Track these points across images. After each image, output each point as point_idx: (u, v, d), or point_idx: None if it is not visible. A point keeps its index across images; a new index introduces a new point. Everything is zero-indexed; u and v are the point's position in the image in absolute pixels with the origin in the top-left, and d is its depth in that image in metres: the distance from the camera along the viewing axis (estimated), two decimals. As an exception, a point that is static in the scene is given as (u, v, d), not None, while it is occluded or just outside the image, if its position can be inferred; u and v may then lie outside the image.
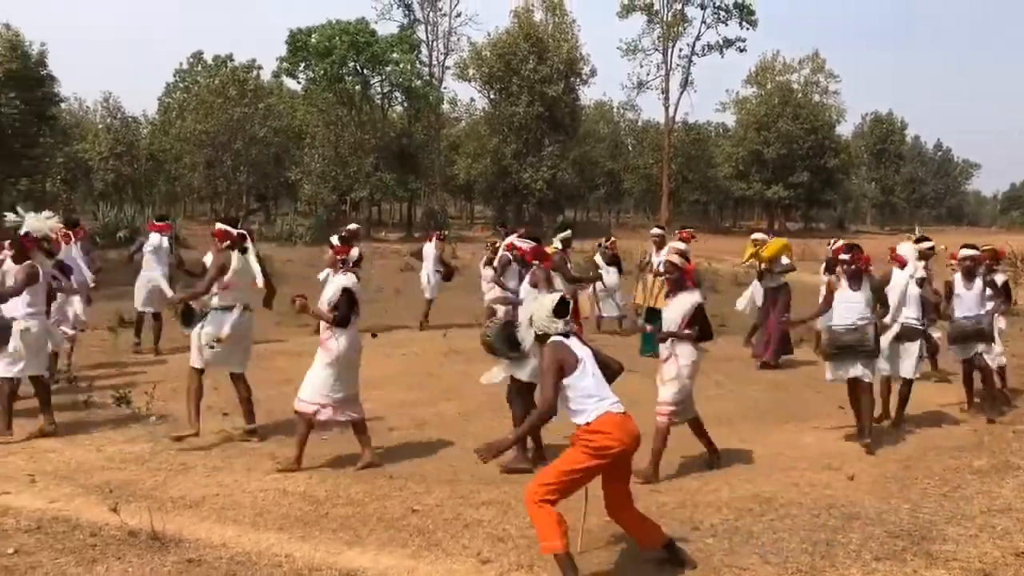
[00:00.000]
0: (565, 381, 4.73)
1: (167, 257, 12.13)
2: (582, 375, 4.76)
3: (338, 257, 7.01)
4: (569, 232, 12.00)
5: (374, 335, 12.35)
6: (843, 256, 7.99)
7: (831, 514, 5.88)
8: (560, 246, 11.19)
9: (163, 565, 4.88)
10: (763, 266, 11.84)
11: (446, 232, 16.65)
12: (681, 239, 11.29)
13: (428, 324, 14.64)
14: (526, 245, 7.47)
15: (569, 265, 11.22)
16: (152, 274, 12.19)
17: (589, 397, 4.72)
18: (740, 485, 6.58)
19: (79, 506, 5.83)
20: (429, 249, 15.25)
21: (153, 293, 12.14)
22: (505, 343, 6.75)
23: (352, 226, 14.16)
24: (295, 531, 5.48)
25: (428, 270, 15.06)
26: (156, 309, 12.28)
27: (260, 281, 7.55)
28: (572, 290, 10.97)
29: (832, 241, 13.52)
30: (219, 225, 7.76)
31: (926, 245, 9.29)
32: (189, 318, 7.61)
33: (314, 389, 6.84)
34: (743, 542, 5.38)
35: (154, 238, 12.44)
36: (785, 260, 11.96)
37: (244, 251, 7.58)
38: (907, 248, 8.82)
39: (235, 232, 7.61)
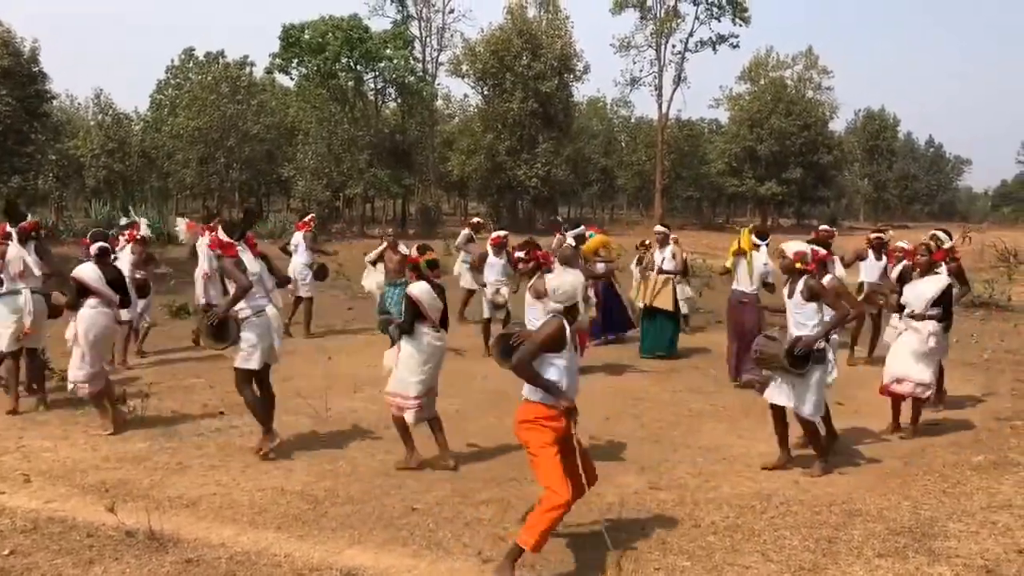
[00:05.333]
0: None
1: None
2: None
3: None
4: (582, 228, 12.28)
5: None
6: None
7: (832, 511, 5.87)
8: (574, 243, 11.35)
9: (161, 565, 4.84)
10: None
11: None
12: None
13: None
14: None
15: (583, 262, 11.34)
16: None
17: None
18: (741, 482, 6.57)
19: (75, 506, 5.79)
20: (298, 238, 13.85)
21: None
22: (211, 336, 6.95)
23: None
24: (294, 530, 5.45)
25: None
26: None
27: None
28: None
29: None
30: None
31: None
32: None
33: None
34: (744, 539, 5.37)
35: (297, 236, 13.82)
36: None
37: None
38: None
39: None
